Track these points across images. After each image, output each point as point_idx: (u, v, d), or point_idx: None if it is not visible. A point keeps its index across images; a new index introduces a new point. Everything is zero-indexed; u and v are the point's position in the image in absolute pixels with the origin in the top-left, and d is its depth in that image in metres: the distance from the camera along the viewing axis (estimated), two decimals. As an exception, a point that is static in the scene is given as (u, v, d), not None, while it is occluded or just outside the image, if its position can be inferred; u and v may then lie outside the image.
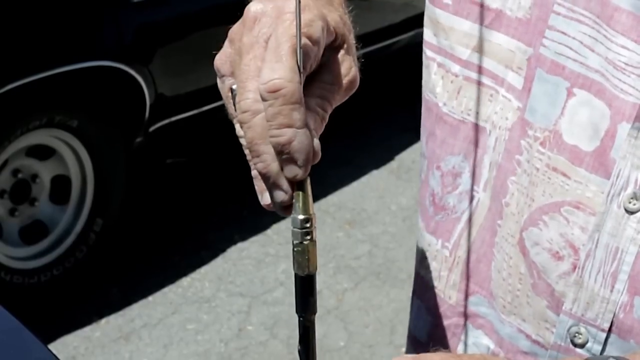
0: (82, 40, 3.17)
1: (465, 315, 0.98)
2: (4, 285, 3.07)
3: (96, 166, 3.30)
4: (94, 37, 3.21)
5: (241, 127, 0.72)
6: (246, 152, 0.72)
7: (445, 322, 1.00)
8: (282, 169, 0.70)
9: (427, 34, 0.96)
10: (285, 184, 0.71)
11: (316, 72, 0.74)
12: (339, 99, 0.76)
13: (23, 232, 3.24)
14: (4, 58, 2.93)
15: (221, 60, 0.75)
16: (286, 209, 0.72)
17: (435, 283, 1.00)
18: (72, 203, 3.31)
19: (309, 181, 0.72)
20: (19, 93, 2.96)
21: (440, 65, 0.94)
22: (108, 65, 3.18)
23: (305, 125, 0.69)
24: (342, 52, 0.76)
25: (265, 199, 0.73)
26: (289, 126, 0.68)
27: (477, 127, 0.92)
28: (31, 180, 3.24)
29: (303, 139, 0.69)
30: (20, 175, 3.21)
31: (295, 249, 0.72)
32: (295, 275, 0.73)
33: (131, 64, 3.22)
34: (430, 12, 0.95)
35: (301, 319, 0.74)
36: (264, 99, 0.69)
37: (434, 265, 1.00)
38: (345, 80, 0.75)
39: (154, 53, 3.31)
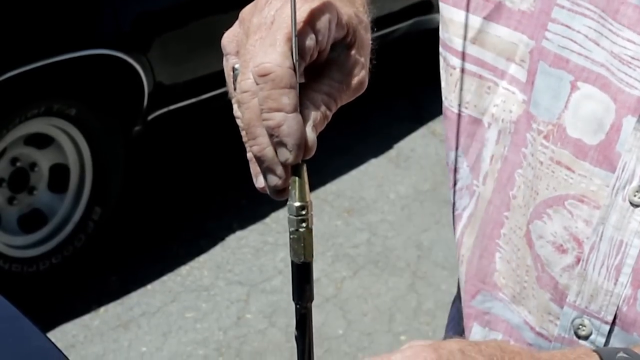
0: (81, 29, 3.16)
1: (472, 317, 0.97)
2: (3, 273, 3.07)
3: (95, 155, 3.29)
4: (92, 25, 3.20)
5: (240, 107, 0.72)
6: (242, 133, 0.73)
7: (462, 324, 1.01)
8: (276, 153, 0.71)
9: (440, 29, 0.96)
10: (279, 169, 0.71)
11: (326, 68, 0.75)
12: (345, 99, 0.76)
13: (22, 221, 3.24)
14: (2, 47, 2.93)
15: (228, 38, 0.76)
16: (279, 193, 0.73)
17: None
18: (71, 192, 3.30)
19: (305, 168, 0.73)
20: (18, 81, 2.96)
21: (444, 59, 0.95)
22: (106, 54, 3.17)
23: (296, 111, 0.70)
24: (354, 51, 0.76)
25: (259, 181, 0.74)
26: (278, 110, 0.69)
27: (473, 120, 0.92)
28: (30, 169, 3.24)
29: (292, 124, 0.69)
30: (18, 164, 3.20)
31: (291, 237, 0.73)
32: (292, 262, 0.74)
33: (129, 53, 3.22)
34: (439, 6, 0.95)
35: (298, 306, 0.74)
36: (256, 82, 0.69)
37: None
38: (354, 81, 0.75)
39: (153, 41, 3.31)
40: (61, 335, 3.07)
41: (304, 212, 0.72)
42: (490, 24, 0.89)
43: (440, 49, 0.95)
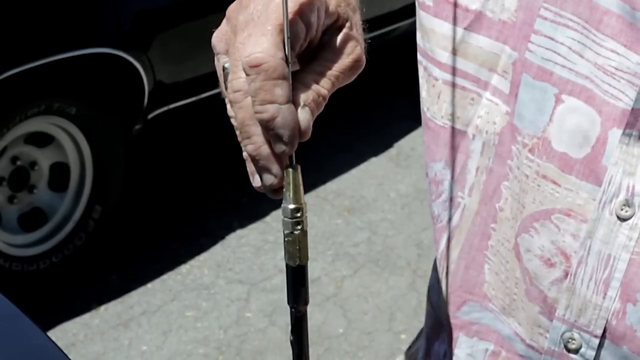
0: (81, 27, 3.16)
1: (457, 327, 0.97)
2: (3, 272, 3.08)
3: (95, 153, 3.29)
4: (92, 23, 3.20)
5: (232, 106, 0.71)
6: (237, 132, 0.72)
7: (441, 336, 0.99)
8: (270, 147, 0.70)
9: (418, 37, 0.95)
10: (274, 168, 0.71)
11: (318, 51, 0.74)
12: (342, 78, 0.74)
13: (22, 220, 3.24)
14: (2, 45, 2.93)
15: (217, 38, 0.75)
16: (276, 192, 0.72)
17: (428, 292, 1.00)
18: (71, 190, 3.30)
19: (299, 170, 0.72)
20: (18, 80, 2.96)
21: (425, 69, 0.93)
22: (106, 52, 3.17)
23: (290, 101, 0.69)
24: (345, 30, 0.74)
25: (256, 181, 0.73)
26: (271, 102, 0.68)
27: (457, 132, 0.91)
28: (30, 168, 3.24)
29: (286, 115, 0.68)
30: (19, 163, 3.20)
31: (286, 239, 0.72)
32: (287, 265, 0.73)
33: (129, 51, 3.22)
34: (417, 14, 0.93)
35: (293, 309, 0.74)
36: (247, 74, 0.68)
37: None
38: (349, 59, 0.74)
39: (153, 40, 3.30)
40: (61, 334, 3.08)
41: (299, 215, 0.71)
42: (471, 34, 0.87)
43: (420, 58, 0.93)
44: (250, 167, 0.73)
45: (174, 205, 3.84)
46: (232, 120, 0.72)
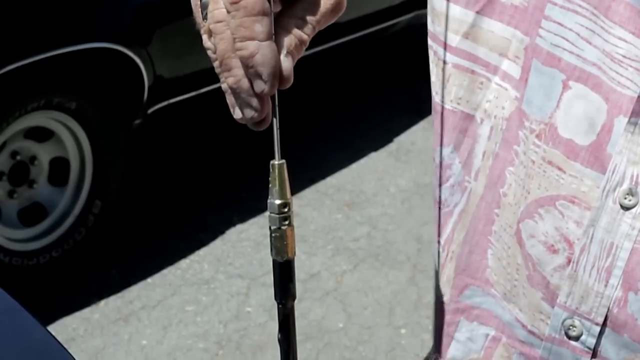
0: (81, 22, 3.16)
1: (459, 311, 0.97)
2: (3, 267, 3.08)
3: (95, 148, 3.29)
4: (92, 18, 3.20)
5: (210, 38, 0.71)
6: (215, 64, 0.71)
7: (441, 321, 0.99)
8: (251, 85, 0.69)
9: (428, 22, 0.95)
10: (254, 101, 0.70)
11: None
12: (323, 21, 0.73)
13: (22, 214, 3.24)
14: (2, 40, 2.92)
15: None
16: (257, 124, 0.72)
17: (436, 280, 1.00)
18: (71, 185, 3.30)
19: (285, 165, 0.71)
20: (18, 75, 2.96)
21: (435, 53, 0.93)
22: (106, 47, 3.17)
23: (270, 38, 0.68)
24: None
25: (236, 113, 0.73)
26: (251, 39, 0.67)
27: (466, 116, 0.91)
28: (30, 162, 3.24)
29: (266, 52, 0.68)
30: (18, 157, 3.20)
31: (273, 235, 0.71)
32: (274, 261, 0.72)
33: (129, 46, 3.21)
34: None
35: (280, 305, 0.73)
36: (228, 11, 0.68)
37: (435, 261, 0.99)
38: (330, 2, 0.73)
39: (153, 34, 3.30)
40: (61, 329, 3.08)
41: (286, 210, 0.71)
42: (483, 18, 0.87)
43: (430, 42, 0.93)
44: (230, 100, 0.72)
45: (173, 199, 3.84)
46: (209, 52, 0.72)
